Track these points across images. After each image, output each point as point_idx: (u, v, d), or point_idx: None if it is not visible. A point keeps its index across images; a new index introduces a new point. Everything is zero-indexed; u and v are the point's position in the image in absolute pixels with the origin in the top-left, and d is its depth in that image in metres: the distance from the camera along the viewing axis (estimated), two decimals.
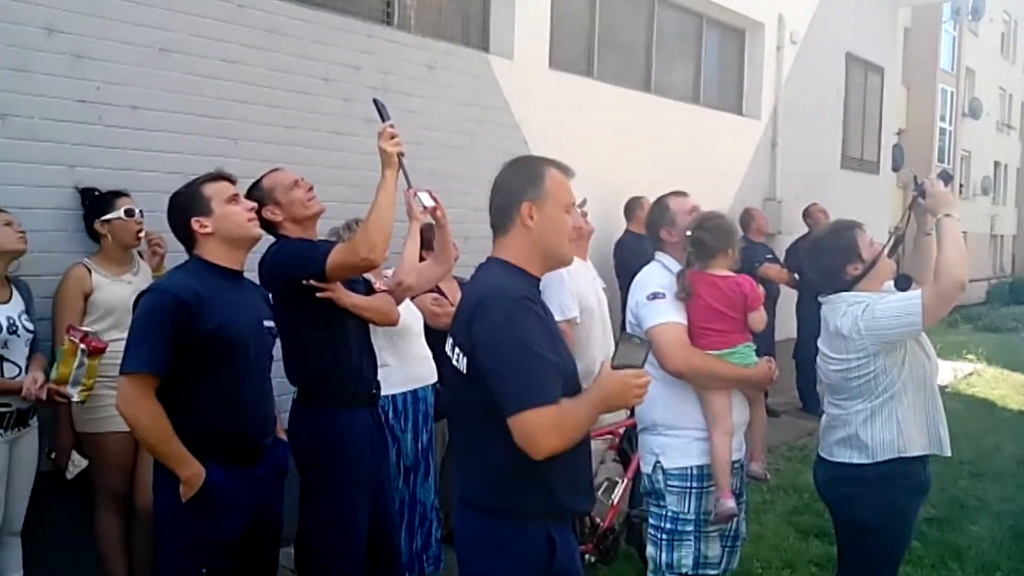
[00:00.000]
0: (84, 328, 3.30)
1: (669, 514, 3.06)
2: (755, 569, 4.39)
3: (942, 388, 3.12)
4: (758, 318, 3.09)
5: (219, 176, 2.76)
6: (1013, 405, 9.28)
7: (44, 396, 3.19)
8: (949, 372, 10.51)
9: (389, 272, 3.60)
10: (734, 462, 3.10)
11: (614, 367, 2.07)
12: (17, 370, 3.26)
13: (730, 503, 2.97)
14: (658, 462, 3.08)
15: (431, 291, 4.18)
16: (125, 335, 2.59)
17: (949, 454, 2.99)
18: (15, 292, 3.36)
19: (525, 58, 6.03)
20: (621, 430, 4.33)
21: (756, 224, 7.81)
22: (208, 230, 2.66)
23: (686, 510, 3.04)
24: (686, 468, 3.03)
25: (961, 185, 24.04)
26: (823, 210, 8.09)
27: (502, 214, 2.22)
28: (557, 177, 2.23)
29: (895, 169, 12.72)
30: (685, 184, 3.53)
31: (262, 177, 3.16)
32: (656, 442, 3.11)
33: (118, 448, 3.47)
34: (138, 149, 3.92)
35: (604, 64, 7.03)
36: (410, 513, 3.96)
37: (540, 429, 1.99)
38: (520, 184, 2.21)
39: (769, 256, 7.70)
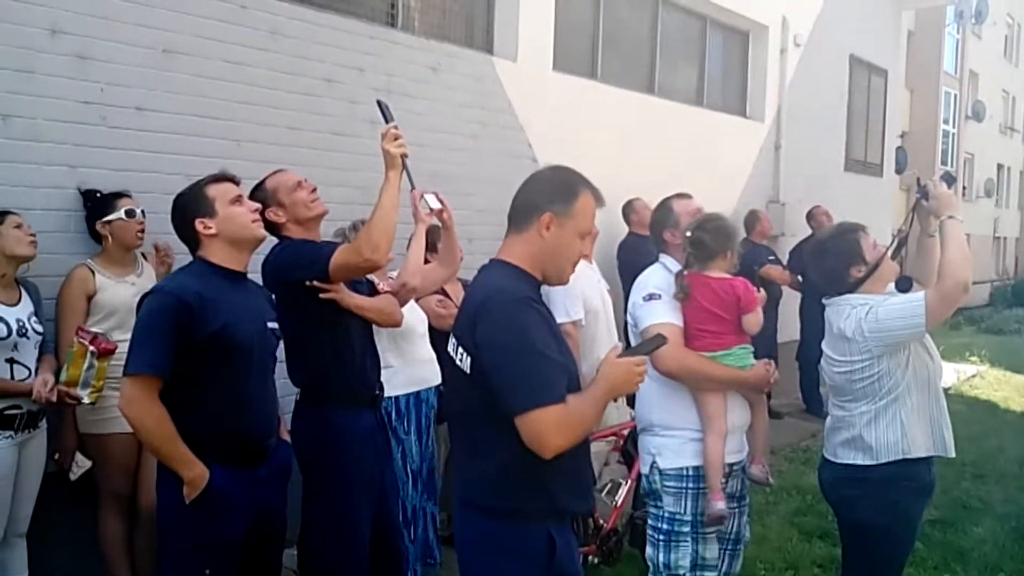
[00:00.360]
0: (93, 330, 3.31)
1: (666, 515, 3.07)
2: (758, 571, 4.39)
3: (945, 390, 3.12)
4: (753, 320, 3.07)
5: (223, 177, 2.75)
6: (1016, 407, 9.26)
7: (54, 398, 3.19)
8: (952, 374, 10.50)
9: (394, 274, 3.59)
10: (734, 464, 3.10)
11: (623, 353, 2.18)
12: (27, 372, 3.26)
13: (719, 504, 2.96)
14: (654, 462, 3.09)
15: (435, 293, 4.18)
16: (128, 336, 2.58)
17: (953, 455, 2.99)
18: (24, 294, 3.36)
19: (529, 60, 6.03)
20: (625, 432, 4.32)
21: (760, 227, 7.82)
22: (212, 231, 2.66)
23: (682, 511, 3.04)
24: (682, 469, 3.04)
25: (964, 188, 24.01)
26: (826, 212, 8.10)
27: (523, 213, 2.23)
28: (588, 202, 2.24)
29: (898, 172, 12.71)
30: (689, 186, 3.53)
31: (265, 178, 3.16)
32: (653, 442, 3.12)
33: (122, 449, 3.47)
34: (141, 150, 3.92)
35: (608, 66, 7.03)
36: (413, 517, 3.96)
37: (548, 428, 2.01)
38: (552, 192, 2.22)
39: (771, 258, 7.70)
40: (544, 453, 2.02)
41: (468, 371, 2.12)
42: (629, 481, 4.29)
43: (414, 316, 3.97)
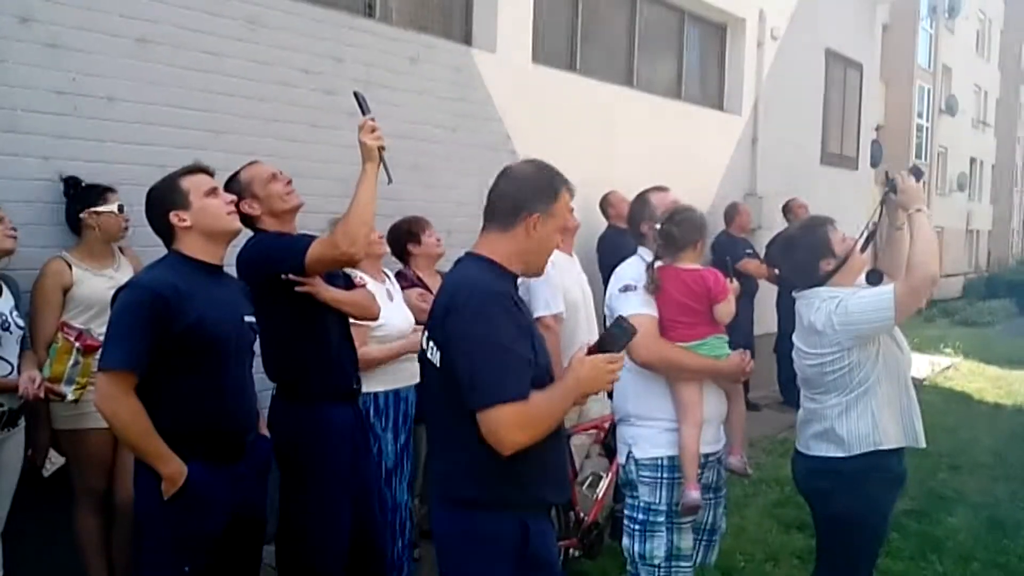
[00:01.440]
0: (78, 326, 3.26)
1: (641, 504, 3.09)
2: (737, 562, 4.41)
3: (920, 382, 3.16)
4: (724, 310, 3.09)
5: (197, 169, 2.73)
6: (989, 398, 9.39)
7: (43, 395, 3.14)
8: (926, 366, 10.62)
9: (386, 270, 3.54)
10: (710, 454, 3.12)
11: (595, 346, 2.16)
12: (9, 368, 3.20)
13: (694, 494, 2.98)
14: (630, 452, 3.11)
15: (416, 286, 4.18)
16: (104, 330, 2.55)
17: (924, 446, 3.01)
18: (5, 288, 3.30)
19: (508, 52, 6.01)
20: (607, 424, 4.32)
21: (740, 220, 7.86)
22: (187, 224, 2.63)
23: (657, 501, 3.06)
24: (657, 458, 3.06)
25: (937, 182, 24.26)
26: (803, 205, 8.14)
27: (507, 212, 2.23)
28: (565, 199, 2.28)
29: (873, 165, 12.80)
30: (666, 179, 3.55)
31: (239, 170, 3.13)
32: (629, 432, 3.14)
33: (97, 445, 3.43)
34: (115, 141, 3.87)
35: (587, 59, 7.03)
36: (393, 515, 3.94)
37: (506, 424, 2.02)
38: (536, 193, 2.23)
39: (749, 251, 7.73)
40: (502, 449, 2.04)
41: (439, 364, 2.14)
42: (610, 474, 4.29)
43: None
